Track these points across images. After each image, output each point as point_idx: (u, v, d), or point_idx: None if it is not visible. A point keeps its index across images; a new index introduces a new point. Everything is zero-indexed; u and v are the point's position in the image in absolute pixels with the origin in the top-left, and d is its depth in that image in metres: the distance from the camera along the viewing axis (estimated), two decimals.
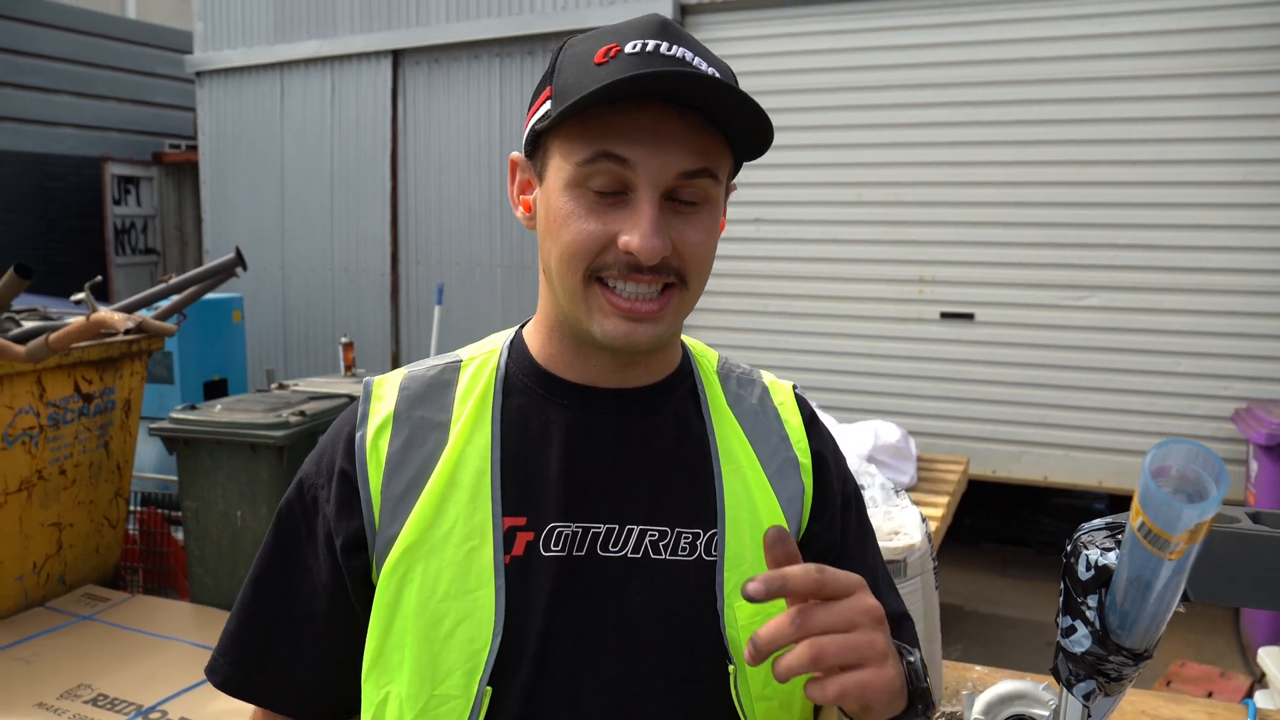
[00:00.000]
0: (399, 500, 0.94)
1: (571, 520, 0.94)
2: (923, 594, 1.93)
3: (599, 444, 0.97)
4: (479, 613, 0.91)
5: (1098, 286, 5.01)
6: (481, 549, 0.92)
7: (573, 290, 0.91)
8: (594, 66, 0.87)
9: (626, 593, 0.93)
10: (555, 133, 0.91)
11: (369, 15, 6.95)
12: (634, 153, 0.86)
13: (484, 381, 1.00)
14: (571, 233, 0.89)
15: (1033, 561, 5.70)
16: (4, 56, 9.98)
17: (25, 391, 4.06)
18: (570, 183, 0.89)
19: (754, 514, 0.98)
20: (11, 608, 4.10)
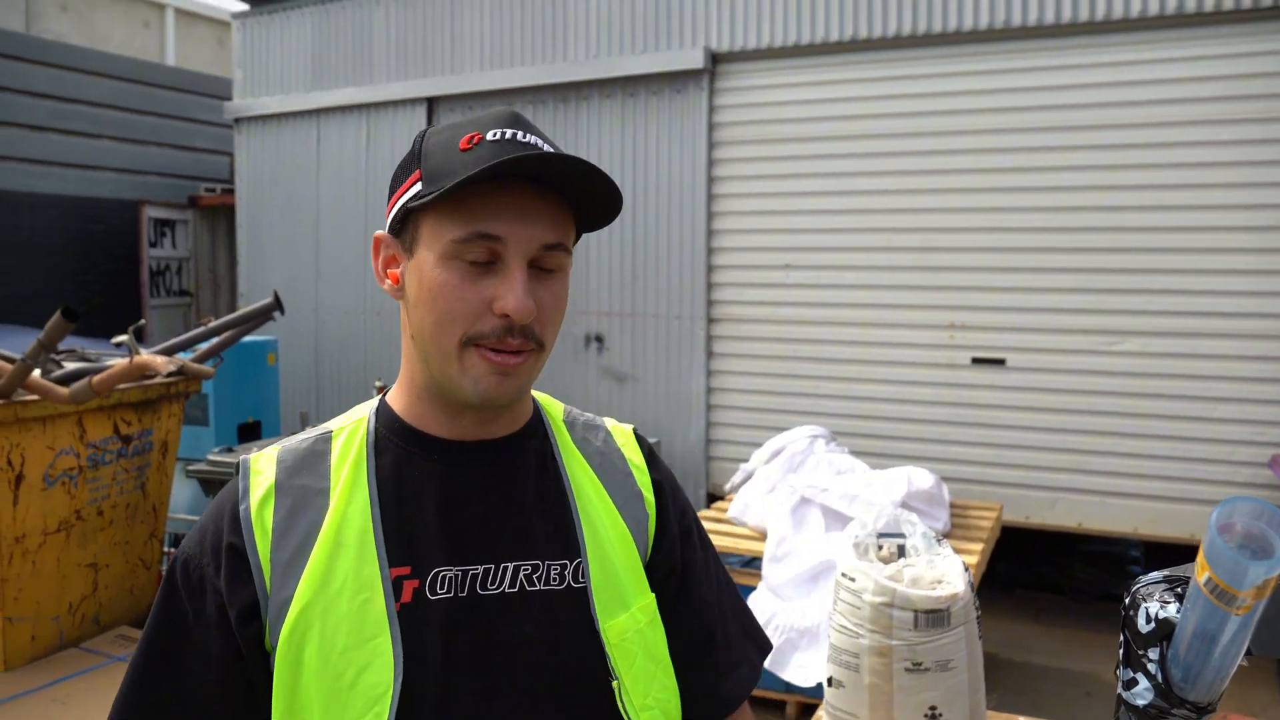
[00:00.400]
0: (288, 565, 1.00)
1: (452, 564, 1.02)
2: (966, 643, 1.92)
3: (469, 492, 1.06)
4: (378, 659, 0.96)
5: (1131, 332, 4.99)
6: (374, 599, 0.98)
7: (447, 353, 1.01)
8: (460, 152, 0.98)
9: (511, 625, 1.02)
10: (428, 212, 1.00)
11: (404, 63, 7.09)
12: (505, 229, 0.98)
13: (356, 446, 1.07)
14: (449, 300, 0.99)
15: (1067, 609, 5.62)
16: (50, 103, 10.25)
17: (66, 433, 4.13)
18: (445, 256, 0.99)
19: (611, 542, 1.10)
20: (47, 648, 4.13)
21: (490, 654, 1.01)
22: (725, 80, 5.88)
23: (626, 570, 1.10)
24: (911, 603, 1.88)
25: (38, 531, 4.02)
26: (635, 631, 1.07)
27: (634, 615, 1.08)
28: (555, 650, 1.03)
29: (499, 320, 0.99)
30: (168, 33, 16.25)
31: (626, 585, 1.09)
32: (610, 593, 1.07)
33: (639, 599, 1.10)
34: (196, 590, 1.03)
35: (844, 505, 4.03)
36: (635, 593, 1.10)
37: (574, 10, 6.34)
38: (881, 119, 5.45)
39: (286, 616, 0.98)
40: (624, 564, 1.11)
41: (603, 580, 1.08)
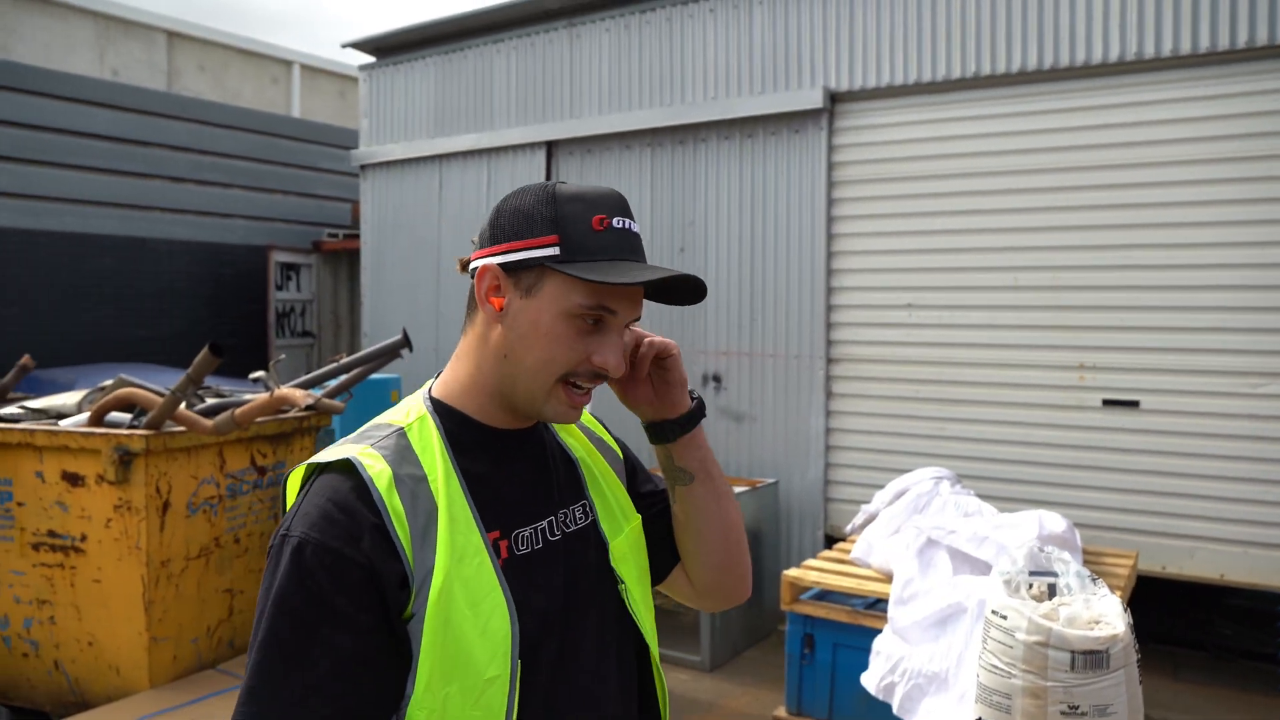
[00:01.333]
0: (423, 541, 1.17)
1: (525, 523, 1.29)
2: (1126, 687, 1.84)
3: (521, 465, 1.34)
4: (499, 608, 1.19)
5: (1276, 373, 4.75)
6: (485, 561, 1.21)
7: (542, 385, 1.26)
8: (595, 232, 1.23)
9: (568, 559, 1.32)
10: (561, 275, 1.23)
11: (525, 109, 7.29)
12: (619, 306, 1.25)
13: (435, 439, 1.27)
14: (561, 348, 1.24)
15: (1208, 666, 5.33)
16: (189, 156, 10.85)
17: (208, 463, 4.32)
18: (568, 313, 1.23)
19: (603, 479, 1.44)
20: (186, 668, 4.29)
21: (562, 585, 1.30)
22: (844, 119, 5.88)
23: (620, 499, 1.45)
24: (1068, 642, 1.81)
25: (181, 557, 4.20)
26: (632, 547, 1.42)
27: (627, 534, 1.42)
28: (592, 571, 1.34)
29: (594, 369, 1.26)
30: (294, 87, 17.07)
31: (621, 511, 1.43)
32: (611, 519, 1.41)
33: (630, 519, 1.44)
34: (333, 569, 1.12)
35: (973, 548, 3.92)
36: (628, 515, 1.44)
37: (692, 53, 6.44)
38: (1005, 156, 5.36)
39: (431, 584, 1.15)
40: (617, 495, 1.45)
41: (605, 512, 1.41)
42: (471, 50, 7.60)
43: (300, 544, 1.12)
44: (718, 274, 6.32)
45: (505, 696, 1.18)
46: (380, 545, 1.14)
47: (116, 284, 10.14)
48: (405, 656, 1.15)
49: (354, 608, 1.12)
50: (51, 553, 4.17)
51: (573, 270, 1.20)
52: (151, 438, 3.98)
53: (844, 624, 4.11)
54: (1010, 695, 1.89)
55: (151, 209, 10.50)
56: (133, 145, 10.36)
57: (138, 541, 4.01)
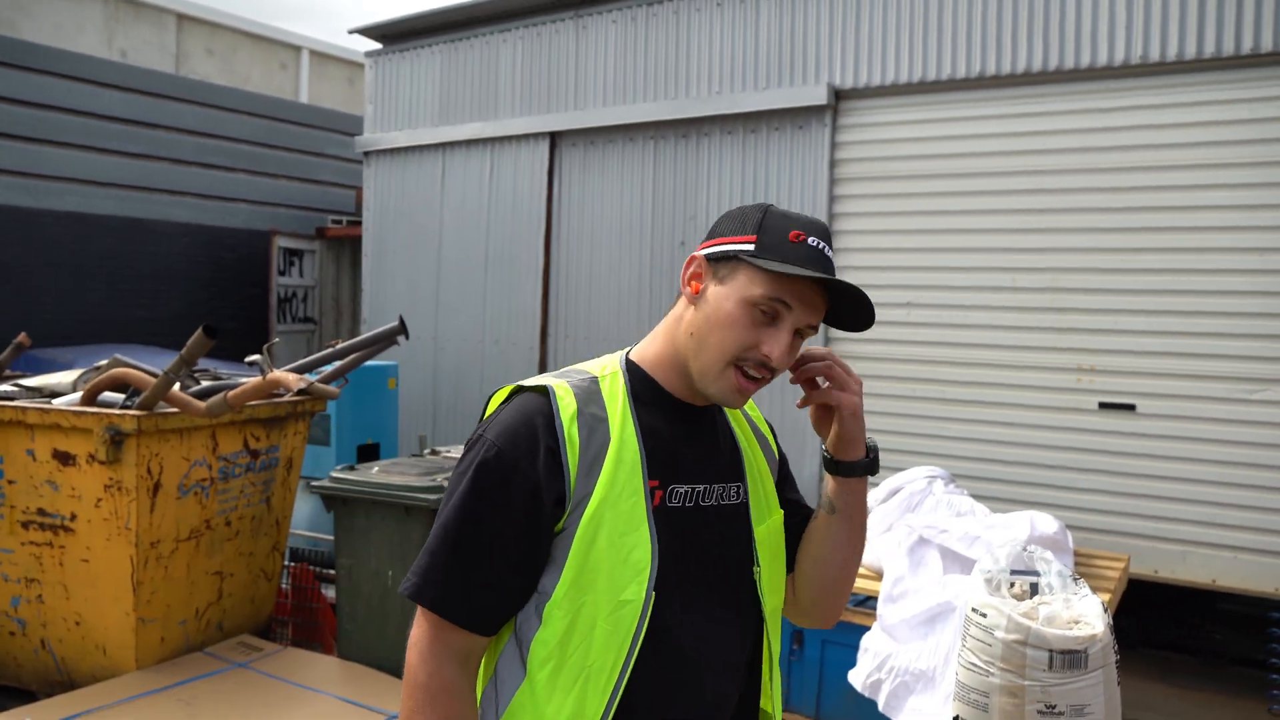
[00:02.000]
0: (588, 471, 1.39)
1: (682, 482, 1.46)
2: (1104, 688, 1.82)
3: (691, 434, 1.51)
4: (643, 544, 1.39)
5: (1273, 379, 4.73)
6: (639, 502, 1.40)
7: (714, 364, 1.42)
8: (790, 242, 1.38)
9: (713, 526, 1.48)
10: (752, 268, 1.39)
11: (529, 99, 7.27)
12: (795, 304, 1.39)
13: (621, 392, 1.47)
14: (736, 334, 1.40)
15: (1198, 671, 5.32)
16: (194, 139, 10.84)
17: (201, 445, 4.31)
18: (748, 301, 1.39)
19: (759, 471, 1.59)
20: (174, 650, 4.30)
21: (703, 543, 1.46)
22: (848, 117, 5.86)
23: (767, 492, 1.59)
24: (1047, 642, 1.80)
25: (171, 538, 4.20)
26: (771, 536, 1.55)
27: (769, 525, 1.56)
28: (733, 544, 1.50)
29: (760, 357, 1.40)
30: (302, 73, 17.06)
31: (767, 503, 1.57)
32: (759, 508, 1.55)
33: (774, 513, 1.58)
34: (509, 473, 1.38)
35: (963, 547, 3.90)
36: (772, 509, 1.58)
37: (697, 47, 6.42)
38: (1008, 156, 5.34)
39: (586, 508, 1.37)
40: (766, 488, 1.59)
41: (755, 498, 1.55)
42: (478, 39, 7.58)
43: (489, 447, 1.40)
44: None
45: (636, 619, 1.36)
46: (550, 466, 1.37)
47: (117, 265, 10.14)
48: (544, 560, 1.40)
49: (516, 508, 1.37)
50: (41, 531, 4.17)
51: (758, 261, 1.37)
52: (144, 418, 3.97)
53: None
54: (988, 693, 1.88)
55: (155, 191, 10.49)
56: (138, 126, 10.35)
57: (127, 522, 4.01)
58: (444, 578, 1.39)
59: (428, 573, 1.40)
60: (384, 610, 4.27)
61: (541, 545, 1.40)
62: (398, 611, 4.23)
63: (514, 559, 1.39)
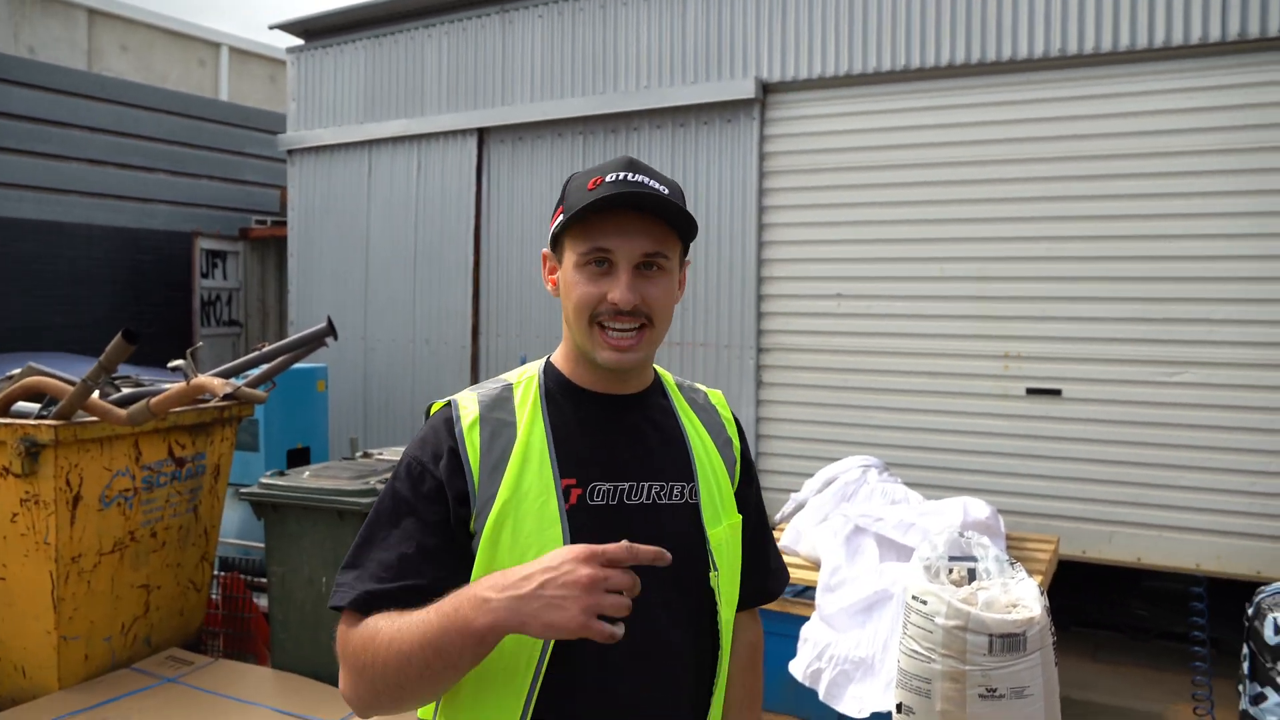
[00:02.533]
0: (492, 471, 1.39)
1: (605, 480, 1.42)
2: (1043, 670, 1.85)
3: (615, 429, 1.47)
4: (552, 545, 1.33)
5: (1192, 362, 4.88)
6: (550, 500, 1.38)
7: (583, 331, 1.42)
8: (587, 191, 1.39)
9: (647, 527, 1.39)
10: (567, 234, 1.44)
11: (456, 95, 7.18)
12: (612, 243, 1.40)
13: (533, 393, 1.48)
14: (579, 294, 1.41)
15: (1125, 646, 5.47)
16: (109, 138, 10.50)
17: (123, 454, 4.17)
18: (577, 264, 1.42)
19: (713, 470, 1.54)
20: (99, 668, 4.15)
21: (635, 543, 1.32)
22: (776, 110, 5.89)
23: (723, 494, 1.53)
24: (986, 626, 1.82)
25: (93, 552, 4.05)
26: (727, 540, 1.50)
27: (726, 528, 1.50)
28: (678, 545, 1.34)
29: (610, 305, 1.39)
30: (222, 70, 16.64)
31: (722, 505, 1.51)
32: (712, 509, 1.49)
33: (730, 517, 1.53)
34: (419, 478, 1.41)
35: (899, 534, 3.95)
36: (728, 511, 1.53)
37: (624, 41, 6.40)
38: (933, 148, 5.42)
39: (492, 508, 1.36)
40: (721, 489, 1.53)
41: (708, 499, 1.49)
42: (402, 34, 7.47)
43: (403, 459, 1.45)
44: None
45: None
46: (451, 465, 1.40)
47: (33, 270, 9.78)
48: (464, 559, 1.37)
49: (424, 505, 1.39)
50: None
51: (561, 224, 1.42)
52: (61, 428, 3.83)
53: (772, 611, 4.12)
54: (930, 679, 1.90)
55: (69, 192, 10.13)
56: (49, 125, 9.98)
57: (46, 536, 3.86)
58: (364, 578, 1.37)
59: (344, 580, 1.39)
60: (318, 617, 4.19)
61: (452, 543, 1.38)
62: (332, 619, 4.15)
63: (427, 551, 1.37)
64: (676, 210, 1.39)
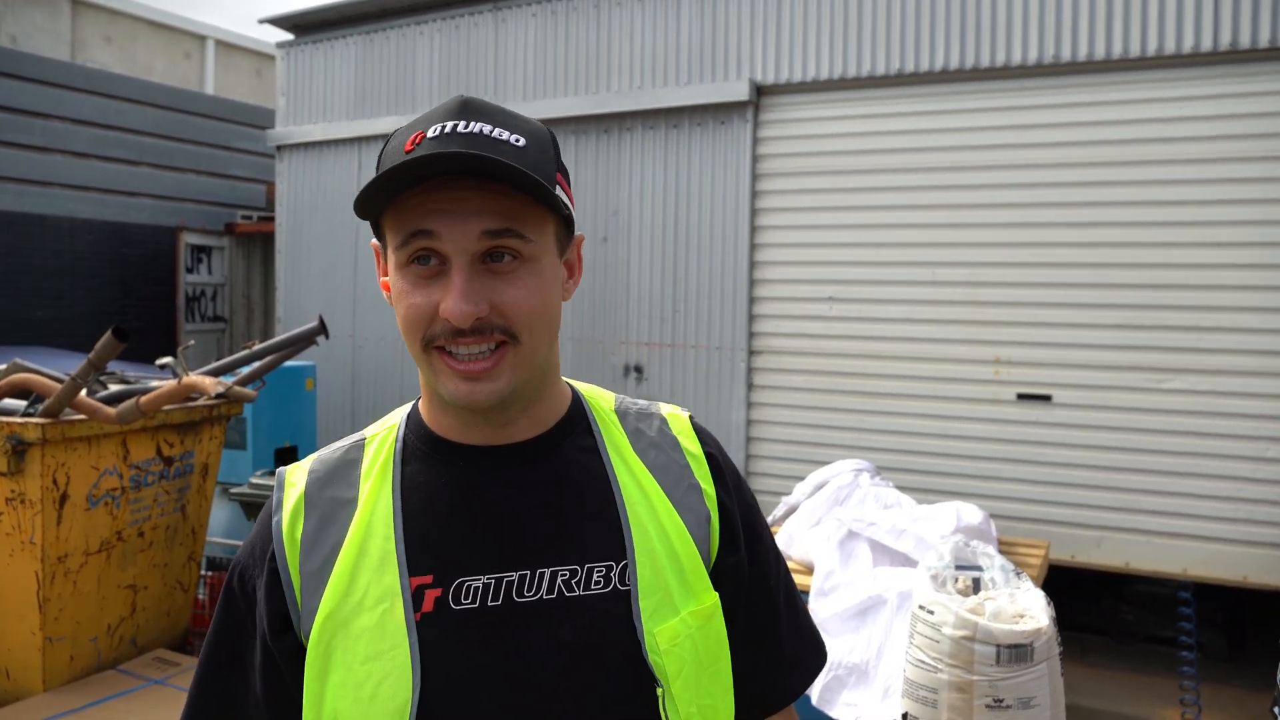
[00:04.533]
0: (316, 577, 1.00)
1: (480, 573, 0.99)
2: (1049, 679, 1.85)
3: (493, 498, 1.03)
4: (396, 671, 0.95)
5: (1181, 369, 4.91)
6: (393, 610, 0.97)
7: (417, 357, 1.00)
8: (404, 155, 0.94)
9: (547, 633, 0.98)
10: (383, 221, 0.99)
11: (447, 93, 7.14)
12: (437, 224, 0.94)
13: (384, 454, 1.06)
14: (404, 307, 0.98)
15: (1113, 651, 5.50)
16: (93, 130, 10.40)
17: (110, 453, 4.13)
18: (398, 264, 0.98)
19: (664, 540, 1.04)
20: (85, 669, 4.10)
21: (523, 664, 0.97)
22: (770, 112, 5.89)
23: (682, 570, 1.05)
24: (994, 637, 1.82)
25: (79, 551, 4.00)
26: (687, 636, 1.01)
27: (685, 619, 1.02)
28: (600, 658, 0.99)
29: (444, 323, 0.96)
30: (208, 63, 16.52)
31: (681, 586, 1.04)
32: (660, 596, 1.02)
33: (695, 601, 1.04)
34: (249, 598, 1.05)
35: (892, 540, 3.95)
36: (692, 594, 1.04)
37: (618, 42, 6.38)
38: (926, 152, 5.43)
39: (312, 628, 0.98)
40: (680, 563, 1.05)
41: (653, 583, 1.02)
42: (394, 31, 7.42)
43: (234, 564, 1.09)
44: (641, 265, 6.29)
45: None
46: (269, 579, 1.03)
47: (16, 263, 9.68)
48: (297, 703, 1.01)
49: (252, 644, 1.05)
50: None
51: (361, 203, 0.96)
52: (48, 426, 3.78)
53: None
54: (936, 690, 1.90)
55: (52, 185, 10.04)
56: (32, 117, 9.87)
57: (32, 536, 3.81)
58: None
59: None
60: None
61: (287, 688, 1.02)
62: None
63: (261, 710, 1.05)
64: (519, 174, 0.92)
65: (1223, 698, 4.70)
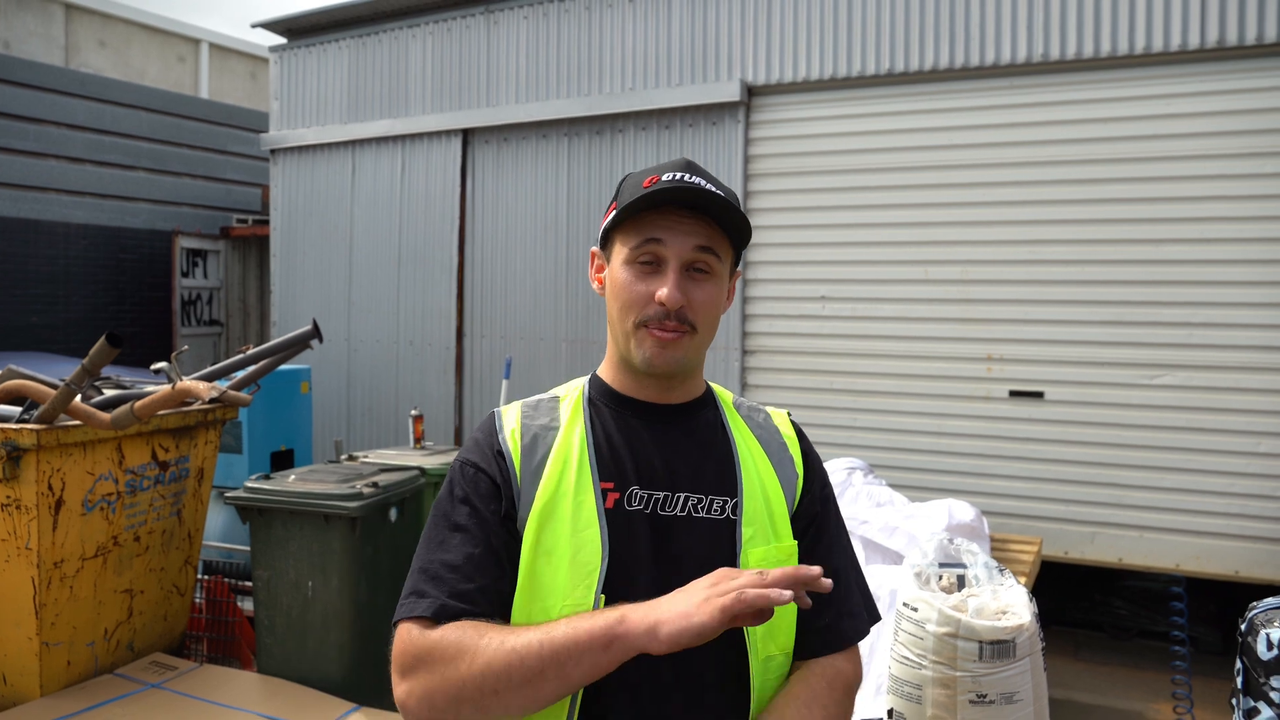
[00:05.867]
0: (533, 474, 1.41)
1: (642, 486, 1.40)
2: (1031, 675, 1.87)
3: (655, 437, 1.45)
4: (592, 544, 1.35)
5: (1172, 365, 4.93)
6: (588, 501, 1.38)
7: (627, 333, 1.41)
8: (642, 189, 1.38)
9: (680, 539, 1.38)
10: (618, 230, 1.43)
11: (440, 95, 7.16)
12: (665, 234, 1.39)
13: (575, 402, 1.49)
14: (627, 292, 1.40)
15: (1107, 646, 5.52)
16: (87, 135, 10.41)
17: (106, 458, 4.14)
18: (626, 260, 1.41)
19: (763, 488, 1.45)
20: (82, 674, 4.12)
21: (665, 558, 1.36)
22: (761, 113, 5.91)
23: (774, 513, 1.44)
24: (977, 633, 1.84)
25: (75, 557, 4.02)
26: (772, 562, 1.37)
27: (773, 549, 1.40)
28: (708, 564, 1.29)
29: (658, 307, 1.37)
30: (202, 67, 16.52)
31: (772, 525, 1.43)
32: (757, 527, 1.41)
33: (783, 539, 1.43)
34: (474, 479, 1.42)
35: (884, 538, 3.98)
36: (778, 533, 1.43)
37: (610, 43, 6.40)
38: (917, 151, 5.45)
39: (533, 508, 1.37)
40: (772, 508, 1.44)
41: (753, 516, 1.41)
42: (386, 34, 7.44)
43: (455, 463, 1.47)
44: None
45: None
46: (499, 466, 1.42)
47: (8, 269, 9.68)
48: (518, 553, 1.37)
49: (481, 502, 1.40)
50: None
51: (614, 218, 1.41)
52: (43, 432, 3.79)
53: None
54: (921, 686, 1.92)
55: (47, 190, 10.04)
56: (26, 122, 9.88)
57: (27, 542, 3.82)
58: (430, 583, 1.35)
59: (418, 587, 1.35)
60: (304, 622, 4.17)
61: (513, 540, 1.38)
62: (319, 624, 4.13)
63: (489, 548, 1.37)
64: (732, 210, 1.39)
65: (1215, 691, 4.73)
